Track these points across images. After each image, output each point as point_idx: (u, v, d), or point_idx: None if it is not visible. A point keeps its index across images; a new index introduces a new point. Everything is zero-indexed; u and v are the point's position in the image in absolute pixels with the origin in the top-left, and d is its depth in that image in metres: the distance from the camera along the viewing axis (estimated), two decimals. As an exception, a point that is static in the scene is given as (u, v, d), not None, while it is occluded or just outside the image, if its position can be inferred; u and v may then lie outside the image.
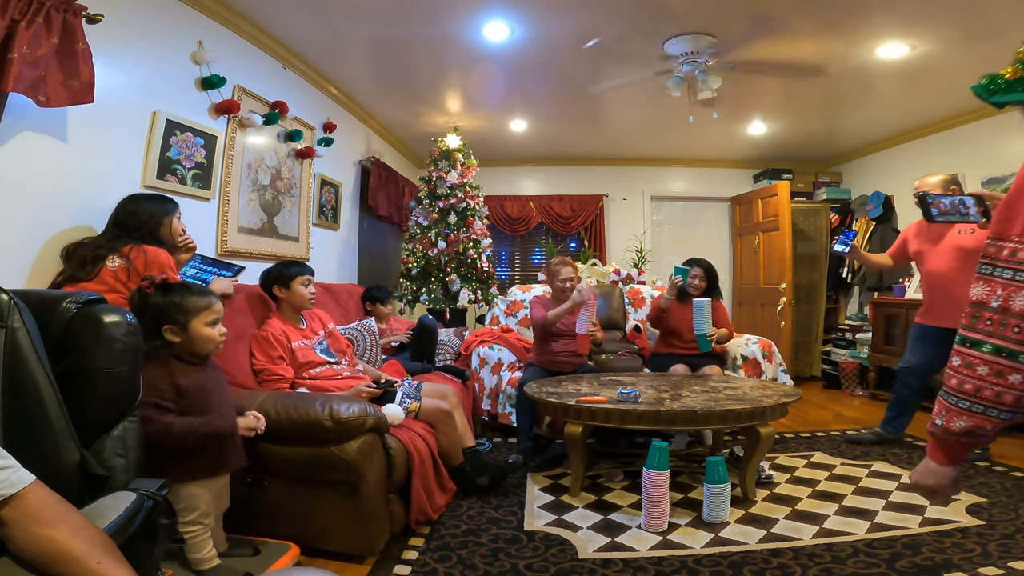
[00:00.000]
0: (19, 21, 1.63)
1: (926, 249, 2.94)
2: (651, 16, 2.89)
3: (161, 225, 2.00)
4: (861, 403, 4.44)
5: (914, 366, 3.01)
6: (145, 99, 2.33)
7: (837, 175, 5.71)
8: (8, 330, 1.12)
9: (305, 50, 3.35)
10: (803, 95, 4.01)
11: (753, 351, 3.33)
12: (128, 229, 1.94)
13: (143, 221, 1.96)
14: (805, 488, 2.48)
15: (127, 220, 1.95)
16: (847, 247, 2.96)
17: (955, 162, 4.27)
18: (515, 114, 4.59)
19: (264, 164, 3.15)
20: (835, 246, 3.01)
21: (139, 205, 1.99)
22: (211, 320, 1.62)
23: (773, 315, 5.05)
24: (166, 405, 1.51)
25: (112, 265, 1.83)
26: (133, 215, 1.96)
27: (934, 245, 2.89)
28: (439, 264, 4.25)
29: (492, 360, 3.42)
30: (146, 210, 1.98)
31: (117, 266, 1.84)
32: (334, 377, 2.33)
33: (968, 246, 2.73)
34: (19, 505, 0.87)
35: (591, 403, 2.33)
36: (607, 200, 5.99)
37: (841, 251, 2.97)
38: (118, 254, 1.85)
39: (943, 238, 2.85)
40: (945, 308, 2.85)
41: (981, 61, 3.24)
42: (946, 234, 2.84)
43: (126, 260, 1.84)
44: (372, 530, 1.87)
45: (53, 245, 1.95)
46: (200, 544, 1.56)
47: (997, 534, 1.96)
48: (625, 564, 1.82)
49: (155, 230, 1.98)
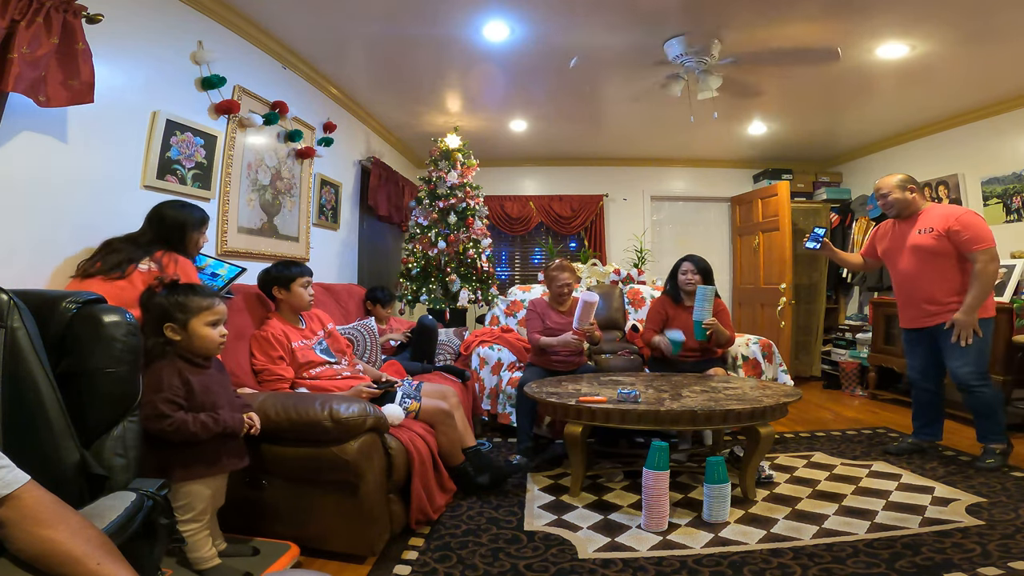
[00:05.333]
0: (19, 21, 1.63)
1: (893, 249, 2.94)
2: (651, 16, 2.89)
3: (189, 237, 2.09)
4: (861, 403, 4.44)
5: (918, 370, 2.98)
6: (145, 99, 2.33)
7: (837, 175, 5.71)
8: (8, 330, 1.12)
9: (305, 50, 3.35)
10: (803, 95, 4.01)
11: (753, 351, 3.32)
12: (161, 234, 2.02)
13: (176, 229, 2.05)
14: (805, 488, 2.48)
15: (161, 225, 2.04)
16: (818, 243, 2.99)
17: (955, 162, 4.28)
18: (515, 114, 4.59)
19: (264, 164, 3.15)
20: (807, 243, 3.04)
21: (177, 213, 2.08)
22: (211, 321, 1.63)
23: (773, 315, 5.05)
24: (180, 401, 1.53)
25: (144, 268, 1.90)
26: (170, 222, 2.05)
27: (899, 245, 2.89)
28: (439, 264, 4.25)
29: (492, 360, 3.42)
30: (182, 219, 2.07)
31: (148, 270, 1.90)
32: (334, 377, 2.33)
33: (928, 246, 2.74)
34: (16, 505, 0.87)
35: (591, 403, 2.33)
36: (607, 200, 5.99)
37: (813, 247, 3.00)
38: (151, 258, 1.92)
39: (906, 239, 2.85)
40: (912, 308, 2.88)
41: (981, 61, 3.27)
42: (908, 234, 2.84)
43: (158, 265, 1.91)
44: (372, 530, 1.87)
45: (53, 245, 1.95)
46: (200, 543, 1.56)
47: (997, 534, 1.96)
48: (625, 564, 1.82)
49: (184, 240, 2.07)
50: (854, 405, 4.38)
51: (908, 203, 2.85)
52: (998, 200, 3.96)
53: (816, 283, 5.49)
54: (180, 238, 2.06)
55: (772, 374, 3.35)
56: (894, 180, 2.88)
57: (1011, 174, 3.86)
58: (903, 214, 2.89)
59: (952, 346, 2.71)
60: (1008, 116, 3.90)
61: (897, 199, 2.86)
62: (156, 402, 1.47)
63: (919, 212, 2.85)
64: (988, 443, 2.71)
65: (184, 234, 2.07)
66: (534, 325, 3.11)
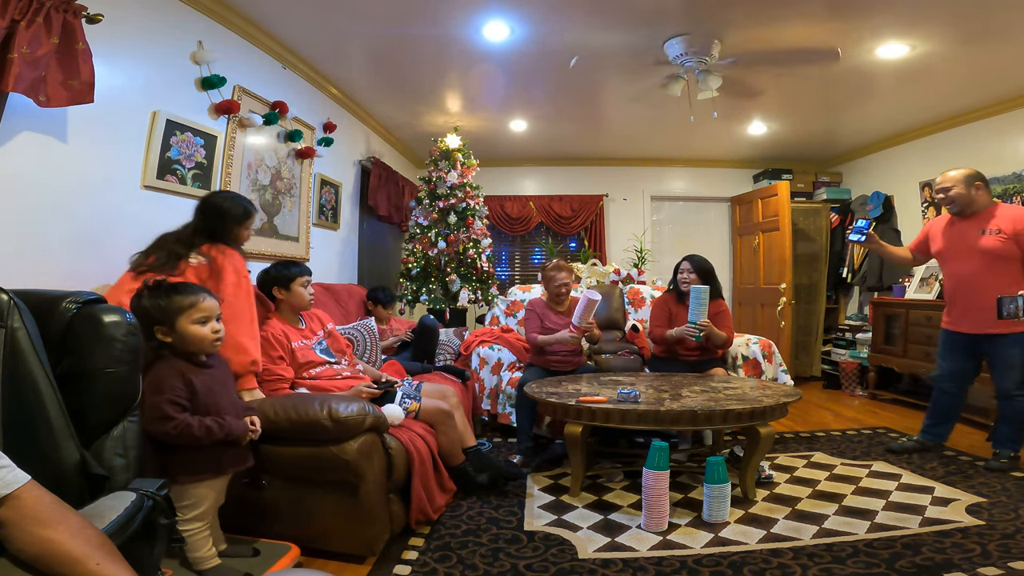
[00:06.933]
0: (19, 21, 1.63)
1: (951, 249, 2.80)
2: (651, 16, 2.89)
3: (229, 229, 2.05)
4: (861, 403, 4.44)
5: (949, 372, 2.88)
6: (145, 99, 2.33)
7: (837, 175, 5.71)
8: (8, 330, 1.12)
9: (305, 50, 3.35)
10: (803, 95, 4.01)
11: (753, 351, 3.32)
12: (204, 225, 2.01)
13: (217, 218, 2.02)
14: (805, 488, 2.48)
15: (204, 215, 2.03)
16: (863, 235, 2.87)
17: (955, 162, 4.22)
18: (515, 114, 4.59)
19: (264, 164, 3.15)
20: (850, 235, 2.93)
21: (220, 202, 2.06)
22: (198, 318, 1.58)
23: (773, 315, 5.05)
24: (183, 403, 1.52)
25: (194, 262, 1.90)
26: (210, 212, 2.03)
27: (959, 246, 2.75)
28: (439, 264, 4.25)
29: (492, 360, 3.42)
30: (223, 209, 2.04)
31: (199, 263, 1.90)
32: (334, 377, 2.33)
33: (994, 249, 2.62)
34: (16, 505, 0.86)
35: (591, 403, 2.33)
36: (607, 200, 5.99)
37: (857, 239, 2.89)
38: (199, 251, 1.91)
39: (968, 239, 2.70)
40: (968, 312, 2.74)
41: (981, 61, 3.27)
42: (971, 235, 2.69)
43: (206, 259, 1.90)
44: (372, 530, 1.87)
45: (53, 245, 1.95)
46: (200, 543, 1.56)
47: (997, 534, 1.96)
48: (625, 564, 1.82)
49: (225, 231, 2.04)
50: (854, 405, 4.38)
51: (972, 200, 2.68)
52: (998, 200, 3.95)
53: (816, 283, 5.49)
54: (221, 229, 2.01)
55: (772, 374, 3.35)
56: (959, 175, 2.71)
57: (1011, 174, 3.86)
58: (965, 212, 2.72)
59: (1005, 358, 2.61)
60: (1008, 116, 3.89)
61: (960, 195, 2.69)
62: (160, 404, 1.46)
63: (982, 211, 2.69)
64: (1003, 448, 2.68)
65: (224, 225, 2.02)
66: (532, 325, 3.11)
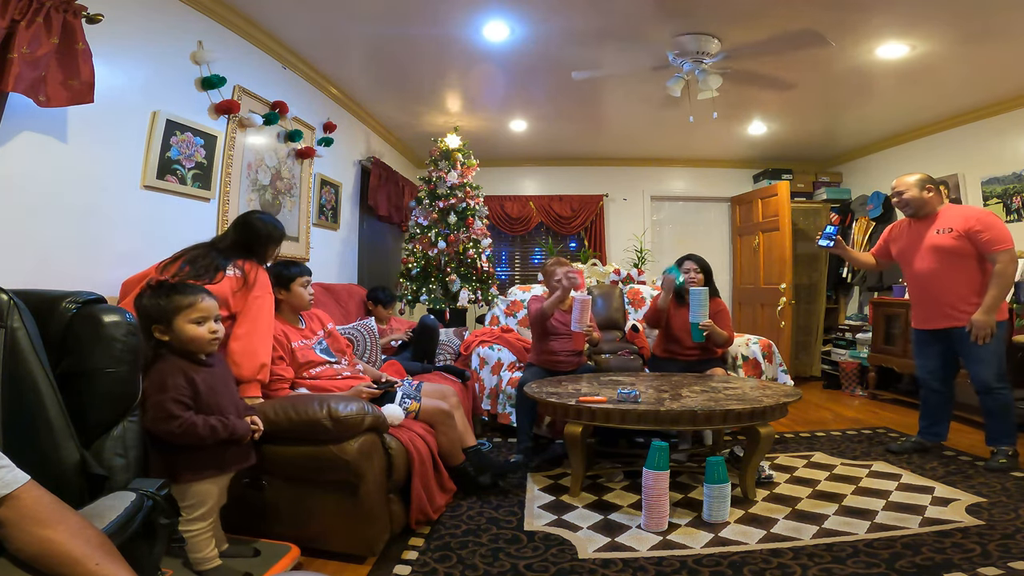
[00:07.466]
0: (19, 21, 1.63)
1: (909, 250, 2.90)
2: (651, 16, 2.89)
3: (268, 249, 2.16)
4: (861, 403, 4.44)
5: (928, 370, 2.95)
6: (145, 99, 2.33)
7: (837, 175, 5.71)
8: (8, 330, 1.12)
9: (305, 50, 3.35)
10: (803, 95, 4.01)
11: (753, 351, 3.32)
12: (244, 241, 2.09)
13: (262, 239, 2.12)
14: (805, 488, 2.48)
15: (248, 233, 2.11)
16: (831, 241, 2.95)
17: (955, 162, 4.28)
18: (515, 114, 4.59)
19: (264, 164, 3.15)
20: (819, 241, 3.01)
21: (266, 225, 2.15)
22: (195, 318, 1.57)
23: (773, 315, 5.05)
24: (187, 401, 1.52)
25: (231, 273, 1.97)
26: (259, 232, 2.12)
27: (916, 246, 2.86)
28: (439, 264, 4.25)
29: (492, 360, 3.42)
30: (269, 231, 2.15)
31: (234, 275, 1.97)
32: (334, 377, 2.33)
33: (947, 246, 2.71)
34: (15, 505, 0.87)
35: (591, 403, 2.33)
36: (607, 200, 5.99)
37: (826, 245, 2.97)
38: (235, 265, 1.99)
39: (924, 239, 2.81)
40: (928, 308, 2.85)
41: (981, 61, 3.27)
42: (925, 234, 2.81)
43: (241, 272, 1.98)
44: (372, 530, 1.87)
45: (53, 245, 1.95)
46: (202, 543, 1.56)
47: (997, 534, 1.96)
48: (625, 564, 1.82)
49: (264, 250, 2.14)
50: (854, 405, 4.38)
51: (925, 203, 2.81)
52: (998, 200, 3.96)
53: (816, 283, 5.49)
54: (262, 248, 2.13)
55: (772, 374, 3.35)
56: (912, 179, 2.84)
57: (1011, 174, 3.86)
58: (919, 214, 2.84)
59: (972, 349, 2.67)
60: (1008, 116, 3.89)
61: (914, 198, 2.82)
62: (164, 402, 1.46)
63: (936, 212, 2.81)
64: (1000, 445, 2.69)
65: (266, 246, 2.15)
66: (536, 304, 3.09)
